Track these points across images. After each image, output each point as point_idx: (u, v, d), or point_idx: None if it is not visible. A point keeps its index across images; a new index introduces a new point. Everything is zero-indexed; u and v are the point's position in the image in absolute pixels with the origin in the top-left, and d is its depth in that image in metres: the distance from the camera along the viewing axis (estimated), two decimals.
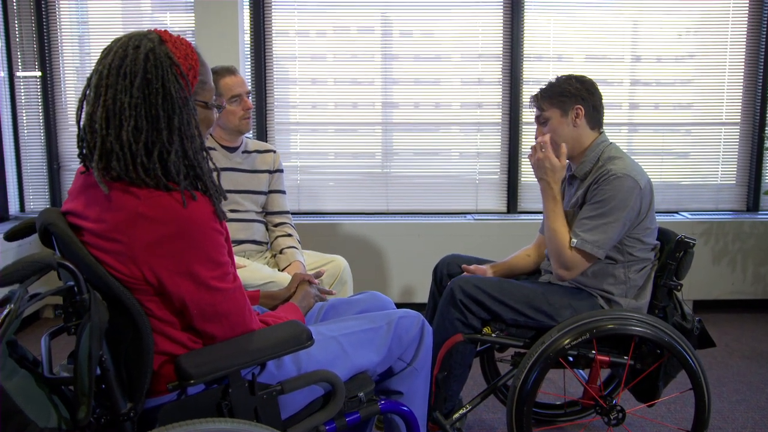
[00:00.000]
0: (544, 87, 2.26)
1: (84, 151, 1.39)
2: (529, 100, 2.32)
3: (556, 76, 2.27)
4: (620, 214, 2.09)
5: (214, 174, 1.45)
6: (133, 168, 1.33)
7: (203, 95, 1.49)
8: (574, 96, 2.21)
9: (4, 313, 1.24)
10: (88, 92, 1.39)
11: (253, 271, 2.57)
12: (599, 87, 2.27)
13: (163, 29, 1.44)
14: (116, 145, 1.33)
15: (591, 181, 2.17)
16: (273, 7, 3.94)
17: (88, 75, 1.41)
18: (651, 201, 2.17)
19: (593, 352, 2.10)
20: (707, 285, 3.95)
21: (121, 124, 1.33)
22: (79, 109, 1.41)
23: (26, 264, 1.29)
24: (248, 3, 3.90)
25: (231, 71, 2.70)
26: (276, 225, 2.88)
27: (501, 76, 4.01)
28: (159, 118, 1.34)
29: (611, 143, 2.26)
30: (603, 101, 2.28)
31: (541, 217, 2.58)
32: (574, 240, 2.11)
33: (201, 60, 1.46)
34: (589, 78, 2.26)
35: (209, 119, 1.53)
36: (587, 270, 2.16)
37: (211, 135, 2.77)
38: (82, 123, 1.39)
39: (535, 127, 2.31)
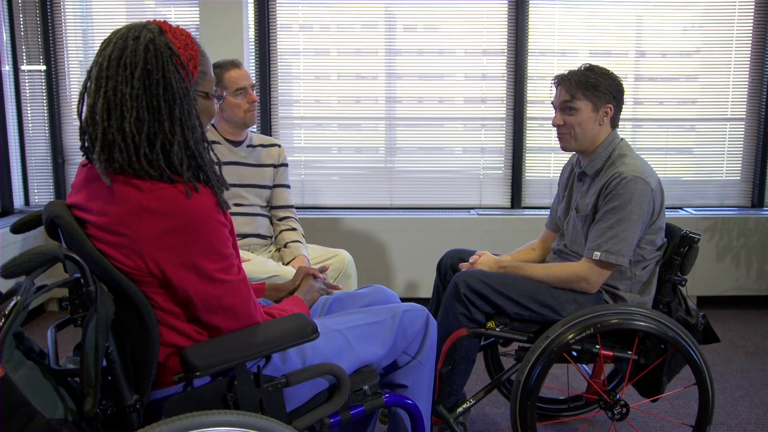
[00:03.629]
0: (577, 73, 2.20)
1: (86, 143, 1.39)
2: (554, 80, 2.25)
3: (584, 65, 2.22)
4: (637, 218, 2.09)
5: (216, 166, 1.45)
6: (136, 159, 1.33)
7: (204, 85, 1.49)
8: (609, 93, 2.18)
9: (11, 304, 1.24)
10: (88, 84, 1.38)
11: (258, 264, 2.57)
12: None
13: (162, 20, 1.44)
14: (118, 137, 1.33)
15: (602, 185, 2.16)
16: (277, 1, 3.94)
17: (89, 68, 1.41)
18: (662, 201, 2.17)
19: (597, 346, 2.10)
20: (711, 281, 3.95)
21: (123, 115, 1.32)
22: (80, 101, 1.40)
23: (33, 256, 1.29)
24: None
25: (235, 64, 2.70)
26: (280, 219, 2.89)
27: (505, 71, 4.00)
28: (160, 109, 1.34)
29: (622, 140, 2.25)
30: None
31: (545, 212, 2.59)
32: (597, 253, 2.10)
33: (201, 50, 1.46)
34: (616, 74, 2.22)
35: (210, 110, 1.53)
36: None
37: (215, 128, 2.77)
38: (83, 115, 1.39)
39: (553, 114, 2.25)
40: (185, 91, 1.37)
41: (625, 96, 2.25)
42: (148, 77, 1.34)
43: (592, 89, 2.17)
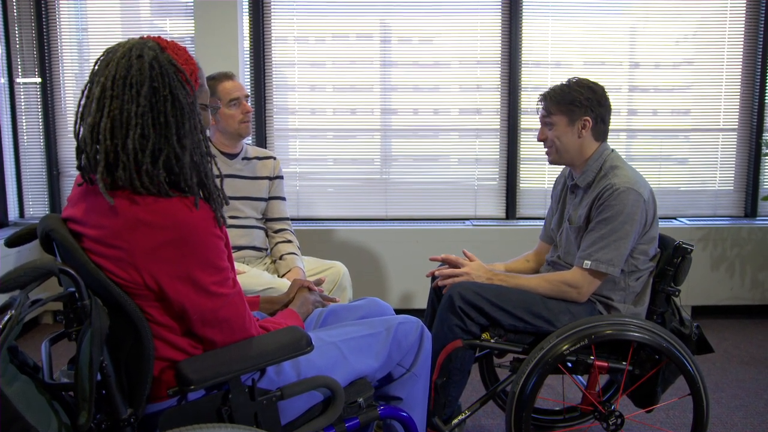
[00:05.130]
0: (555, 89, 2.23)
1: (83, 162, 1.39)
2: (538, 97, 2.29)
3: (568, 79, 2.24)
4: (629, 229, 2.10)
5: (217, 180, 1.46)
6: (137, 175, 1.33)
7: (202, 98, 1.52)
8: (584, 106, 2.19)
9: (5, 318, 1.24)
10: (85, 104, 1.38)
11: (253, 277, 2.57)
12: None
13: (156, 35, 1.45)
14: (122, 155, 1.33)
15: (595, 196, 2.17)
16: (272, 13, 3.96)
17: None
18: (655, 211, 2.19)
19: (592, 357, 2.10)
20: (706, 291, 3.96)
21: (127, 133, 1.33)
22: (77, 121, 1.40)
23: (28, 270, 1.29)
24: (248, 9, 3.92)
25: (229, 76, 2.72)
26: (276, 231, 2.89)
27: (500, 82, 4.02)
28: (168, 125, 1.35)
29: (613, 151, 2.27)
30: (612, 112, 2.27)
31: (540, 222, 2.59)
32: (588, 262, 2.12)
33: (197, 63, 1.48)
34: (601, 86, 2.24)
35: (207, 120, 1.57)
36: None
37: (210, 141, 2.78)
38: (81, 134, 1.39)
39: (539, 127, 2.29)
40: (192, 106, 1.39)
41: (611, 107, 2.26)
42: (155, 95, 1.34)
43: (566, 104, 2.20)
